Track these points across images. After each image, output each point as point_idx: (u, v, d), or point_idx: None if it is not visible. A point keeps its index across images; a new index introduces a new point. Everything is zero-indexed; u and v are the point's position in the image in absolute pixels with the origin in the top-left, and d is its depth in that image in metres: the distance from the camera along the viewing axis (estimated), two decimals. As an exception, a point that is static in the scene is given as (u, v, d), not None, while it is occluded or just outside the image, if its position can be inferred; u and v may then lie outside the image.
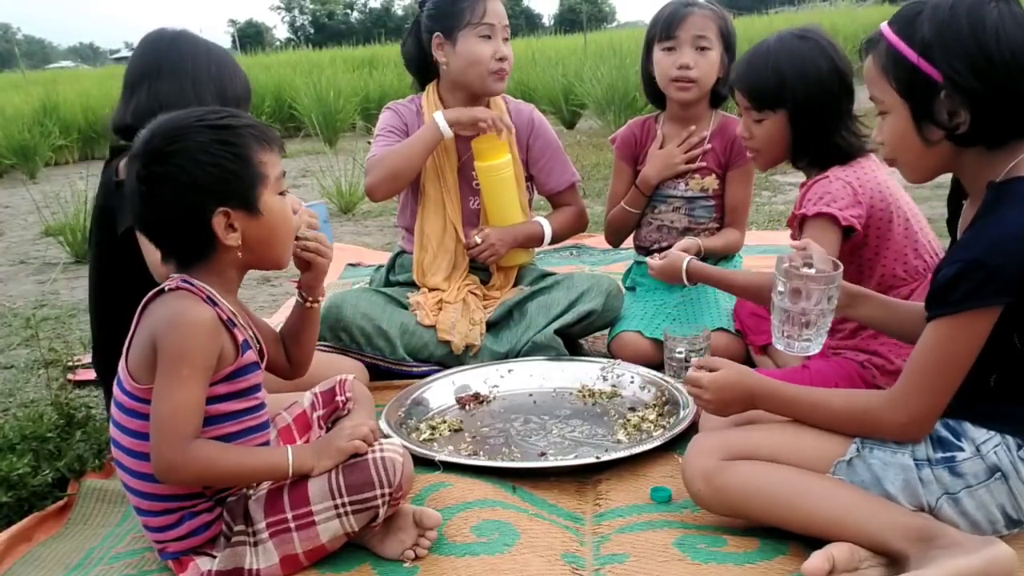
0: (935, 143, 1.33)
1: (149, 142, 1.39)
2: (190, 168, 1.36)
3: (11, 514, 1.71)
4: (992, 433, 1.35)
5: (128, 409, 1.40)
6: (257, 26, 65.71)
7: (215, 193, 1.38)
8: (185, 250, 1.43)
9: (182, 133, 1.38)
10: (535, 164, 2.54)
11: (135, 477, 1.42)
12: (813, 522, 1.39)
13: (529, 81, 9.91)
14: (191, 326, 1.35)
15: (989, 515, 1.35)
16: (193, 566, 1.43)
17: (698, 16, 2.34)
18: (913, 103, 1.32)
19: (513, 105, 2.56)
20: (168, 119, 1.41)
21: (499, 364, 2.28)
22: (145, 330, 1.39)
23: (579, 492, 1.72)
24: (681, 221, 2.49)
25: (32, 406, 2.39)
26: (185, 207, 1.38)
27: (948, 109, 1.29)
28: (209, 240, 1.40)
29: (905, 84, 1.32)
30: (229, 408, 1.43)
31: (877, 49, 1.36)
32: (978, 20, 1.27)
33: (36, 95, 10.49)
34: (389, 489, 1.43)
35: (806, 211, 1.81)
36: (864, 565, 1.34)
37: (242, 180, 1.40)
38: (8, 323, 3.39)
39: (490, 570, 1.42)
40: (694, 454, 1.50)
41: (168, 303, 1.38)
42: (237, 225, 1.40)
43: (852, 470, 1.41)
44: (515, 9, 57.02)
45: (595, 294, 2.40)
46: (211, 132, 1.39)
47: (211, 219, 1.38)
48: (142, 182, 1.38)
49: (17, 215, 6.26)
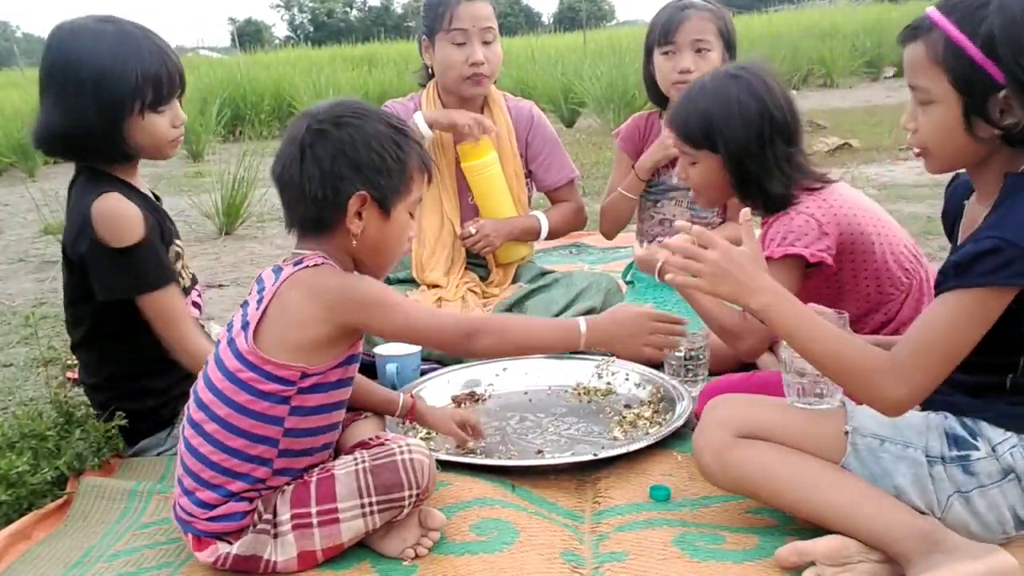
0: (982, 139, 1.29)
1: (333, 108, 1.46)
2: (358, 143, 1.43)
3: (10, 512, 1.71)
4: (1009, 434, 1.33)
5: (241, 381, 1.41)
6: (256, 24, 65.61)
7: (366, 176, 1.43)
8: (308, 215, 1.46)
9: (366, 114, 1.46)
10: (534, 160, 2.55)
11: (214, 446, 1.43)
12: (819, 512, 1.39)
13: (529, 79, 9.90)
14: (359, 276, 1.47)
15: (999, 515, 1.35)
16: (212, 548, 1.44)
17: (696, 19, 2.34)
18: (970, 98, 1.26)
19: (512, 102, 2.57)
20: (359, 101, 1.52)
21: (494, 362, 2.29)
22: (304, 301, 1.41)
23: (578, 490, 1.72)
24: (683, 215, 2.50)
25: (31, 404, 2.39)
26: (334, 174, 1.42)
27: (1001, 107, 1.25)
28: (334, 216, 1.44)
29: (963, 79, 1.25)
30: (332, 399, 1.48)
31: (929, 38, 1.28)
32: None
33: (35, 93, 10.42)
34: (417, 490, 1.44)
35: (771, 253, 1.74)
36: (855, 559, 1.34)
37: (392, 180, 1.46)
38: (7, 321, 3.39)
39: (489, 568, 1.42)
40: (706, 427, 1.49)
41: (324, 271, 1.44)
42: (365, 216, 1.45)
43: (862, 460, 1.39)
44: (515, 7, 56.94)
45: (594, 292, 2.40)
46: (389, 128, 1.47)
47: (349, 196, 1.42)
48: (309, 135, 1.42)
49: (16, 213, 6.26)
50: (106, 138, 1.81)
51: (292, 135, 1.45)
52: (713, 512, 1.58)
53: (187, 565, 1.50)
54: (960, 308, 1.26)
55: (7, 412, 2.38)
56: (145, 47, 1.81)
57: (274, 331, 1.42)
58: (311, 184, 1.42)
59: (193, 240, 4.91)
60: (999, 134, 1.26)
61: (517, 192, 2.52)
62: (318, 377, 1.45)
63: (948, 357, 1.28)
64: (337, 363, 1.46)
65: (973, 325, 1.25)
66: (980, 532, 1.35)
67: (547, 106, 9.51)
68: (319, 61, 15.05)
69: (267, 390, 1.41)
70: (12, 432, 1.84)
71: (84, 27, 1.83)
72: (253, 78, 11.43)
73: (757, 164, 1.77)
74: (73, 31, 1.83)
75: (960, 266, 1.25)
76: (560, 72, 9.92)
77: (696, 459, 1.50)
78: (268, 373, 1.41)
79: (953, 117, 1.29)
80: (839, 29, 13.25)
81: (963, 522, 1.35)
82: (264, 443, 1.43)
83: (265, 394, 1.42)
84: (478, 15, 2.39)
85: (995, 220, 1.27)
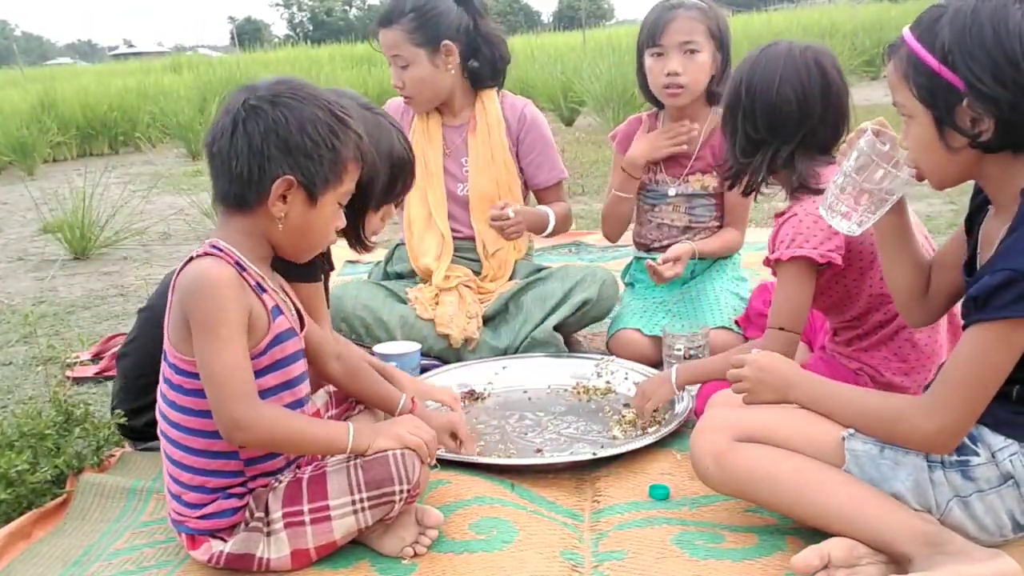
0: (958, 150, 1.29)
1: (274, 86, 1.42)
2: (291, 125, 1.39)
3: (10, 511, 1.71)
4: (1010, 441, 1.33)
5: (175, 384, 1.41)
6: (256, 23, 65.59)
7: (294, 160, 1.39)
8: (231, 191, 1.42)
9: (305, 96, 1.41)
10: (524, 158, 2.55)
11: (180, 449, 1.43)
12: (820, 515, 1.38)
13: (528, 78, 9.91)
14: (214, 286, 1.35)
15: (997, 519, 1.35)
16: (206, 546, 1.44)
17: (683, 19, 2.30)
18: (935, 110, 1.28)
19: (508, 100, 2.58)
20: (304, 82, 1.46)
21: (494, 361, 2.29)
22: (176, 299, 1.40)
23: (578, 489, 1.72)
24: (681, 220, 2.48)
25: (30, 403, 2.38)
26: (261, 153, 1.38)
27: (971, 116, 1.25)
28: (258, 196, 1.41)
29: (927, 91, 1.28)
30: (268, 383, 1.43)
31: (899, 55, 1.31)
32: (1001, 23, 1.21)
33: (34, 92, 10.47)
34: (407, 485, 1.43)
35: (780, 256, 1.73)
36: (863, 562, 1.33)
37: (322, 168, 1.42)
38: (6, 320, 3.39)
39: (489, 567, 1.42)
40: (705, 429, 1.49)
41: (191, 269, 1.39)
42: (290, 200, 1.41)
43: (862, 466, 1.39)
44: (514, 6, 56.95)
45: (589, 283, 2.40)
46: (327, 114, 1.42)
47: (275, 178, 1.39)
48: (243, 110, 1.39)
49: (15, 212, 6.25)
50: None
51: (229, 107, 1.42)
52: (712, 511, 1.58)
53: (186, 563, 1.50)
54: (984, 341, 1.27)
55: (6, 411, 2.38)
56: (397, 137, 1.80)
57: (172, 325, 1.41)
58: (238, 160, 1.39)
59: (193, 239, 4.92)
60: (967, 142, 1.27)
61: (508, 182, 2.52)
62: None
63: (981, 390, 1.28)
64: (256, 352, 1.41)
65: (999, 355, 1.26)
66: (977, 535, 1.35)
67: (546, 105, 9.51)
68: (318, 60, 15.06)
69: (191, 387, 1.39)
70: (11, 431, 1.84)
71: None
72: (252, 77, 11.31)
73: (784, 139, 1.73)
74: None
75: (978, 300, 1.26)
76: (559, 71, 9.92)
77: (694, 463, 1.49)
78: (184, 370, 1.40)
79: (928, 131, 1.30)
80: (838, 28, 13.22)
81: (961, 525, 1.35)
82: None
83: (192, 391, 1.39)
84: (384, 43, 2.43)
85: (1009, 245, 1.27)
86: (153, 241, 4.91)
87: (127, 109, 10.09)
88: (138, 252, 4.61)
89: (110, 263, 4.39)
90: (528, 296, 2.42)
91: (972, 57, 1.22)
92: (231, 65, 13.21)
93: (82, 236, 4.49)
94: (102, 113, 9.77)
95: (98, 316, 3.38)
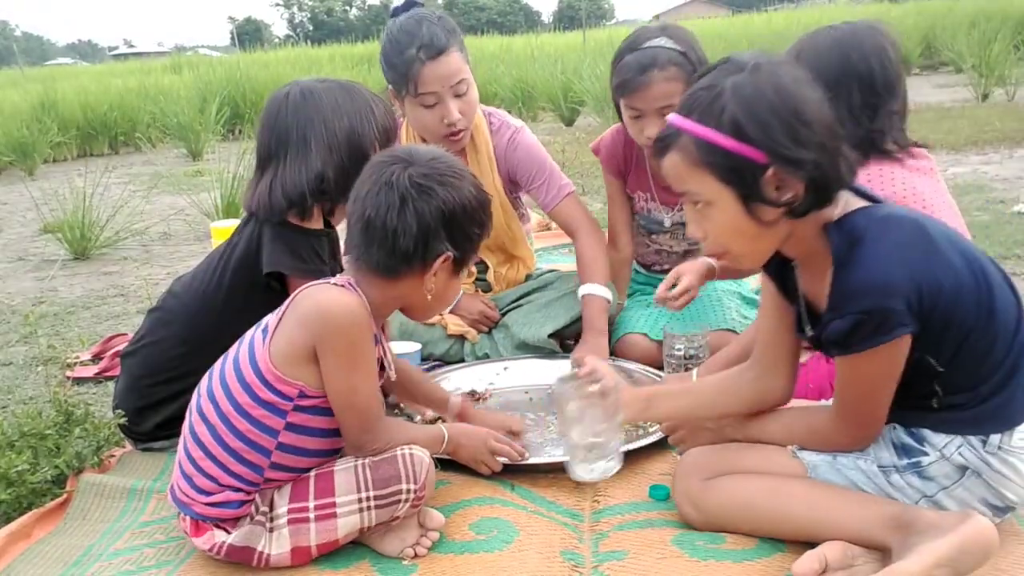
0: (772, 223, 1.28)
1: (434, 163, 1.46)
2: (455, 205, 1.45)
3: (10, 511, 1.71)
4: (952, 436, 1.35)
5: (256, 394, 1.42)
6: (256, 23, 65.66)
7: (455, 238, 1.47)
8: (388, 263, 1.45)
9: (463, 174, 1.49)
10: (529, 185, 2.44)
11: (215, 439, 1.44)
12: (799, 528, 1.41)
13: (528, 78, 9.91)
14: (360, 324, 1.43)
15: (972, 508, 1.35)
16: (209, 535, 1.45)
17: (660, 83, 2.12)
18: (740, 187, 1.26)
19: (496, 123, 2.44)
20: (453, 158, 1.51)
21: (495, 362, 2.29)
22: (301, 322, 1.43)
23: (578, 489, 1.72)
24: (680, 245, 2.49)
25: (31, 403, 2.40)
26: (431, 231, 1.44)
27: (775, 184, 1.24)
28: (411, 268, 1.46)
29: (726, 171, 1.25)
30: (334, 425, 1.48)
31: (679, 145, 1.28)
32: (781, 88, 1.23)
33: (34, 92, 10.49)
34: (415, 486, 1.45)
35: None
36: (859, 562, 1.34)
37: (472, 244, 1.51)
38: (6, 320, 3.39)
39: (489, 567, 1.43)
40: (679, 476, 1.53)
41: (331, 299, 1.44)
42: (439, 275, 1.49)
43: (823, 474, 1.42)
44: (514, 6, 57.00)
45: None
46: (478, 191, 1.50)
47: (439, 255, 1.46)
48: (413, 188, 1.42)
49: (16, 212, 6.26)
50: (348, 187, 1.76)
51: (389, 180, 1.43)
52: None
53: (186, 563, 1.50)
54: (858, 367, 1.32)
55: (7, 411, 2.38)
56: (373, 101, 1.92)
57: (280, 342, 1.43)
58: (405, 236, 1.42)
59: (193, 239, 4.92)
60: (783, 211, 1.27)
61: (506, 220, 2.48)
62: (318, 400, 1.45)
63: (872, 400, 1.35)
64: None
65: (883, 371, 1.31)
66: None
67: (546, 105, 9.52)
68: (318, 60, 15.07)
69: (265, 399, 1.42)
70: (12, 431, 1.84)
71: (313, 89, 1.90)
72: (252, 77, 11.43)
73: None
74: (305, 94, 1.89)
75: (839, 344, 1.30)
76: (559, 71, 9.93)
77: (678, 510, 1.53)
78: (268, 383, 1.42)
79: (734, 211, 1.28)
80: (838, 28, 13.24)
81: None
82: (258, 450, 1.43)
83: (263, 402, 1.42)
84: (445, 74, 2.18)
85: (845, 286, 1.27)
86: (153, 241, 4.92)
87: (127, 109, 10.11)
88: (138, 252, 4.62)
89: (110, 263, 4.40)
90: (527, 302, 2.43)
91: (766, 125, 1.22)
92: (231, 65, 13.21)
93: (82, 236, 4.49)
94: (102, 113, 9.78)
95: (98, 316, 3.38)
